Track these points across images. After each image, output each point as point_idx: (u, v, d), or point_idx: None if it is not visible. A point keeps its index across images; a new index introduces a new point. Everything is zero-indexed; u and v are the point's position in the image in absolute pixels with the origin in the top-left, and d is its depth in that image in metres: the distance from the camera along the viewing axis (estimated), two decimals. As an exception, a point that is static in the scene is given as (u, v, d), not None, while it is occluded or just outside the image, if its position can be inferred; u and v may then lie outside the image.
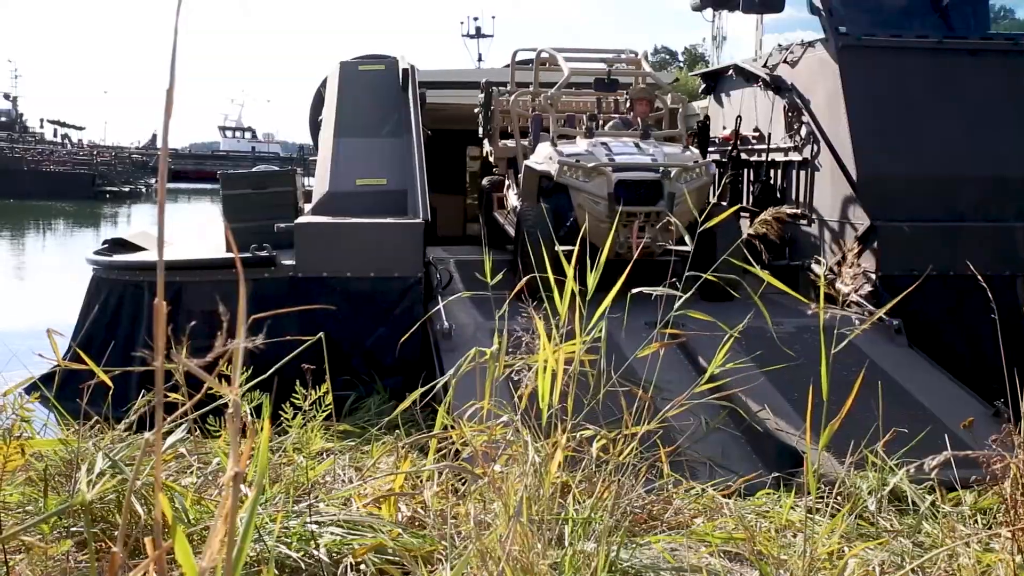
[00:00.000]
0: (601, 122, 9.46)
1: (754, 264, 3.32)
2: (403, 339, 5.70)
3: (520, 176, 9.05)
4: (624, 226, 7.57)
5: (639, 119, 9.21)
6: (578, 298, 2.82)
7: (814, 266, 8.29)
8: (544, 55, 10.03)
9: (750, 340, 5.30)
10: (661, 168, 7.80)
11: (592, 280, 2.82)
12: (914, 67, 8.46)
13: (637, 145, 8.28)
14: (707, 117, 11.13)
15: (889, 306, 2.97)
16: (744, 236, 4.30)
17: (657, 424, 3.04)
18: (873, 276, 7.74)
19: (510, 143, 10.23)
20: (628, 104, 9.53)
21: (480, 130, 10.96)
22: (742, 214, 9.35)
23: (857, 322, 3.51)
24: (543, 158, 8.33)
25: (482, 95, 10.66)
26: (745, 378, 4.83)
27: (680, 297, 2.94)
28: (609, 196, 7.61)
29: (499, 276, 3.13)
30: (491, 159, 10.85)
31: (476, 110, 10.81)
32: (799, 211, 9.04)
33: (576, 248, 3.39)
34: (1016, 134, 8.28)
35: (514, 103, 9.82)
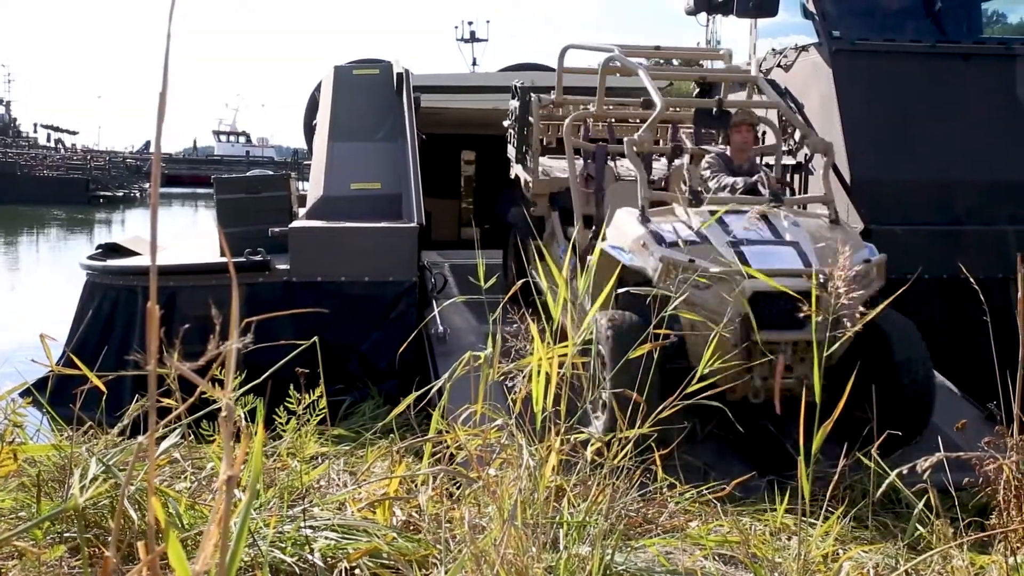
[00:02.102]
0: (689, 158, 7.21)
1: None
2: (402, 348, 5.74)
3: (587, 258, 6.88)
4: (761, 362, 5.16)
5: (740, 156, 6.78)
6: (570, 306, 2.83)
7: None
8: (615, 62, 7.36)
9: None
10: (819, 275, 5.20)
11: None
12: (907, 71, 8.49)
13: (768, 221, 5.71)
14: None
15: (881, 308, 2.98)
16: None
17: (650, 427, 3.04)
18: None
19: (555, 168, 7.99)
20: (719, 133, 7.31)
21: (510, 148, 8.65)
22: None
23: (849, 325, 3.50)
24: (630, 241, 5.67)
25: (514, 102, 8.38)
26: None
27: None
28: (743, 319, 5.08)
29: (492, 280, 3.12)
30: (526, 190, 8.15)
31: (505, 123, 8.76)
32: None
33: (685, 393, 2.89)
34: (1009, 138, 8.31)
35: (570, 127, 7.29)
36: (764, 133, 8.28)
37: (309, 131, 11.82)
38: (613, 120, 8.21)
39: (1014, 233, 7.96)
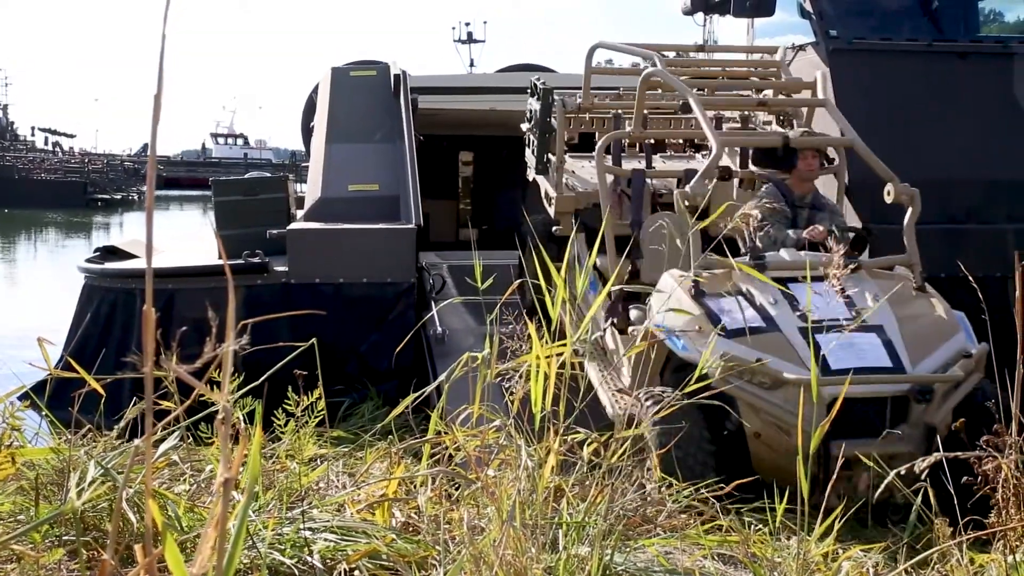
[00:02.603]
0: (738, 183, 6.25)
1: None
2: (400, 346, 5.72)
3: (622, 336, 5.65)
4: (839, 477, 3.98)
5: (803, 186, 5.88)
6: (568, 304, 2.82)
7: None
8: (655, 78, 6.31)
9: None
10: (913, 383, 4.59)
11: None
12: (905, 70, 8.50)
13: (846, 295, 4.87)
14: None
15: (878, 306, 2.97)
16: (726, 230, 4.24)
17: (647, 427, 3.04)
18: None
19: (580, 174, 7.21)
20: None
21: (529, 154, 7.81)
22: None
23: (845, 323, 3.51)
24: (683, 323, 4.86)
25: (534, 102, 7.52)
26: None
27: None
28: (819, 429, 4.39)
29: (489, 281, 3.12)
30: (547, 203, 7.25)
31: (524, 125, 7.98)
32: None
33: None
34: (1007, 136, 8.32)
35: (601, 150, 6.35)
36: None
37: (307, 133, 11.83)
38: (652, 141, 7.30)
39: (1012, 232, 7.97)
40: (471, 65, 39.66)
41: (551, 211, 7.06)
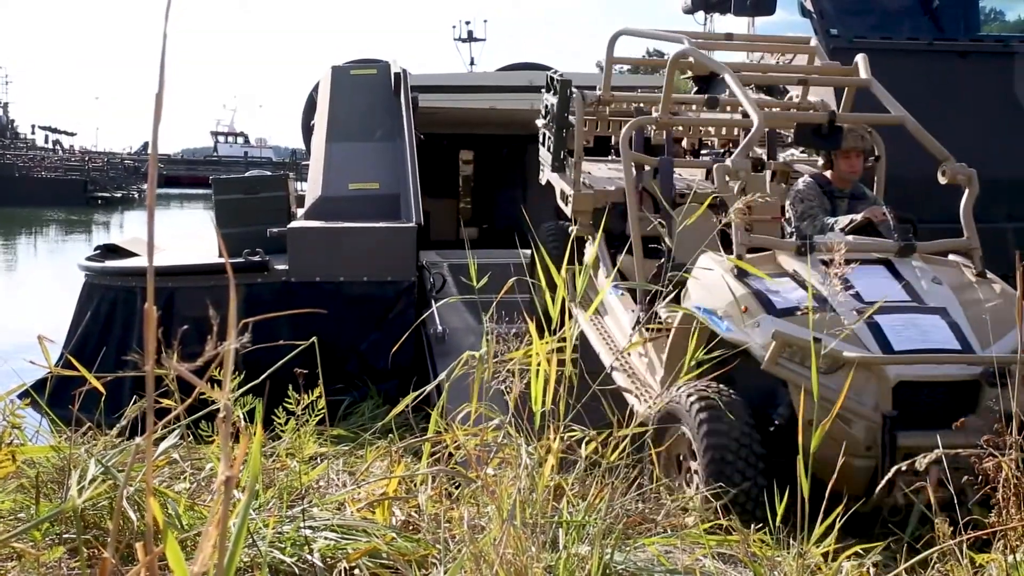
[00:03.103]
0: (771, 175, 6.01)
1: None
2: (396, 345, 5.71)
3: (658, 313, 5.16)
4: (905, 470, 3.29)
5: (843, 183, 5.44)
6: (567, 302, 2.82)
7: None
8: (688, 57, 5.85)
9: None
10: (984, 363, 4.07)
11: None
12: (905, 69, 8.49)
13: (897, 275, 4.55)
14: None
15: (878, 305, 2.98)
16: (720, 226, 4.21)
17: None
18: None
19: (597, 176, 6.92)
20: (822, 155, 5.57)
21: (543, 151, 7.36)
22: None
23: (846, 322, 3.50)
24: (725, 304, 4.38)
25: (550, 97, 7.13)
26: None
27: None
28: (883, 418, 3.97)
29: (484, 279, 3.11)
30: (563, 202, 6.88)
31: (539, 121, 7.46)
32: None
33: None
34: (1007, 135, 8.31)
35: (627, 135, 6.00)
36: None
37: (307, 132, 11.84)
38: (679, 128, 6.96)
39: (1012, 231, 7.96)
40: (471, 64, 39.65)
41: (567, 209, 6.73)
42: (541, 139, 7.43)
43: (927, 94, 8.46)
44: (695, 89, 11.20)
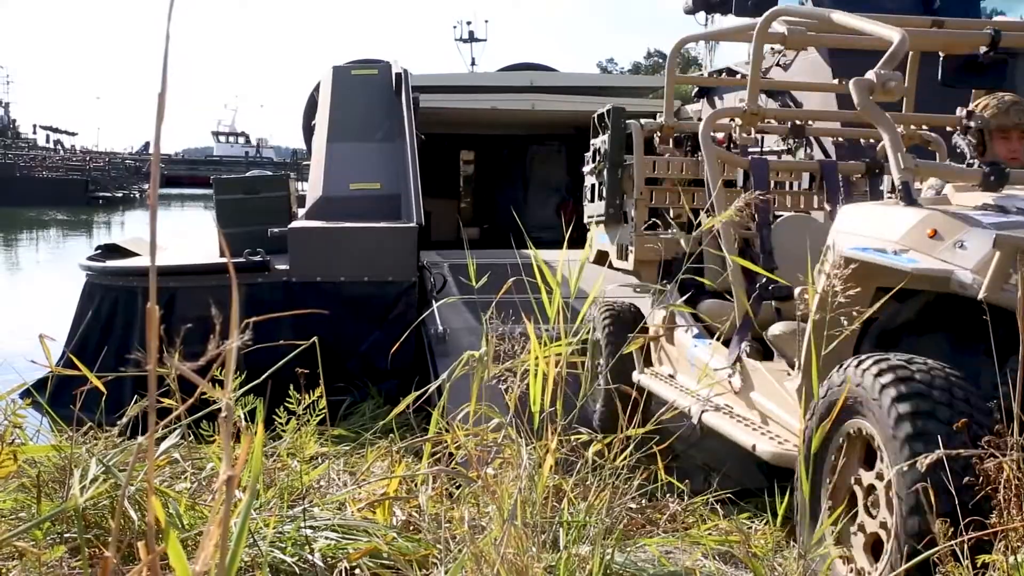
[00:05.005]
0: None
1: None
2: (396, 345, 5.69)
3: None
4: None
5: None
6: (561, 302, 2.82)
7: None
8: (784, 15, 4.78)
9: None
10: None
11: None
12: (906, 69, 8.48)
13: None
14: (700, 120, 11.14)
15: (879, 305, 2.97)
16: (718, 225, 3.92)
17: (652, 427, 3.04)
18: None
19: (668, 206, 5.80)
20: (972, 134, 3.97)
21: (591, 206, 6.21)
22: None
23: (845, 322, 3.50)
24: (903, 233, 3.21)
25: (600, 141, 6.01)
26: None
27: None
28: None
29: (484, 279, 3.11)
30: (620, 255, 5.88)
31: (585, 168, 6.31)
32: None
33: None
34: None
35: (707, 127, 4.97)
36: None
37: (308, 131, 11.85)
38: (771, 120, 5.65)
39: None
40: (472, 64, 39.69)
41: (625, 264, 5.74)
42: (587, 194, 6.35)
43: (929, 95, 8.45)
44: (696, 91, 11.17)
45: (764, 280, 4.23)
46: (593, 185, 6.21)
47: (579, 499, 2.87)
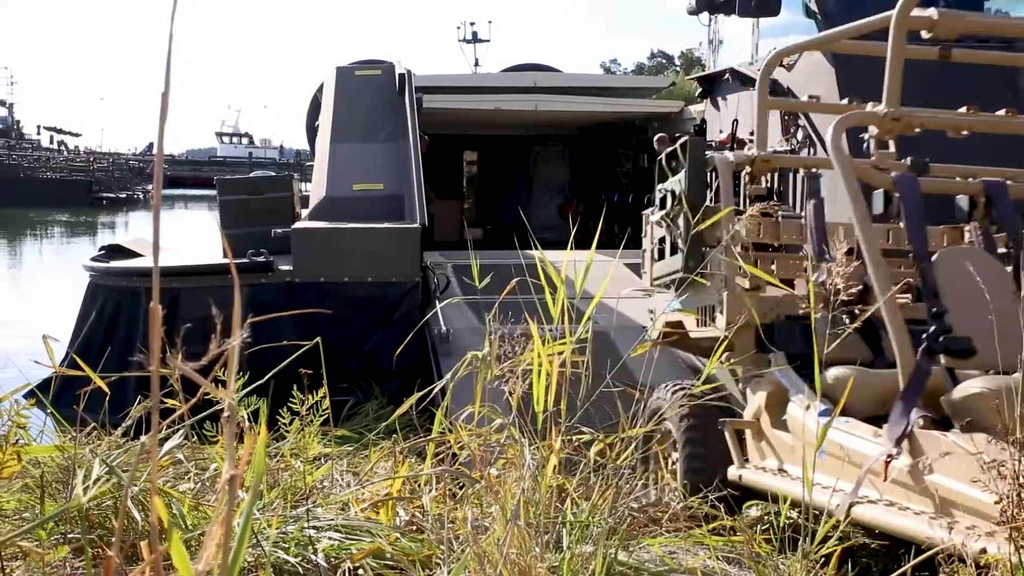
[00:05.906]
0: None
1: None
2: (401, 347, 5.69)
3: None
4: None
5: None
6: (566, 301, 2.82)
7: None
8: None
9: None
10: None
11: None
12: (909, 70, 8.47)
13: None
14: (704, 121, 11.14)
15: (878, 305, 2.97)
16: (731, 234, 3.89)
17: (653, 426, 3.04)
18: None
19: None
20: None
21: (658, 266, 5.09)
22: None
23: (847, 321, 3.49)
24: None
25: (672, 184, 4.84)
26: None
27: None
28: None
29: (487, 280, 3.11)
30: (701, 324, 4.74)
31: (652, 216, 5.19)
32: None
33: None
34: (1011, 137, 8.29)
35: (837, 131, 3.97)
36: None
37: (312, 132, 11.86)
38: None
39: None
40: (476, 64, 39.70)
41: (713, 331, 4.48)
42: (651, 251, 5.24)
43: (931, 96, 8.45)
44: (699, 91, 11.13)
45: (933, 330, 3.30)
46: (663, 238, 5.01)
47: (582, 499, 2.86)
